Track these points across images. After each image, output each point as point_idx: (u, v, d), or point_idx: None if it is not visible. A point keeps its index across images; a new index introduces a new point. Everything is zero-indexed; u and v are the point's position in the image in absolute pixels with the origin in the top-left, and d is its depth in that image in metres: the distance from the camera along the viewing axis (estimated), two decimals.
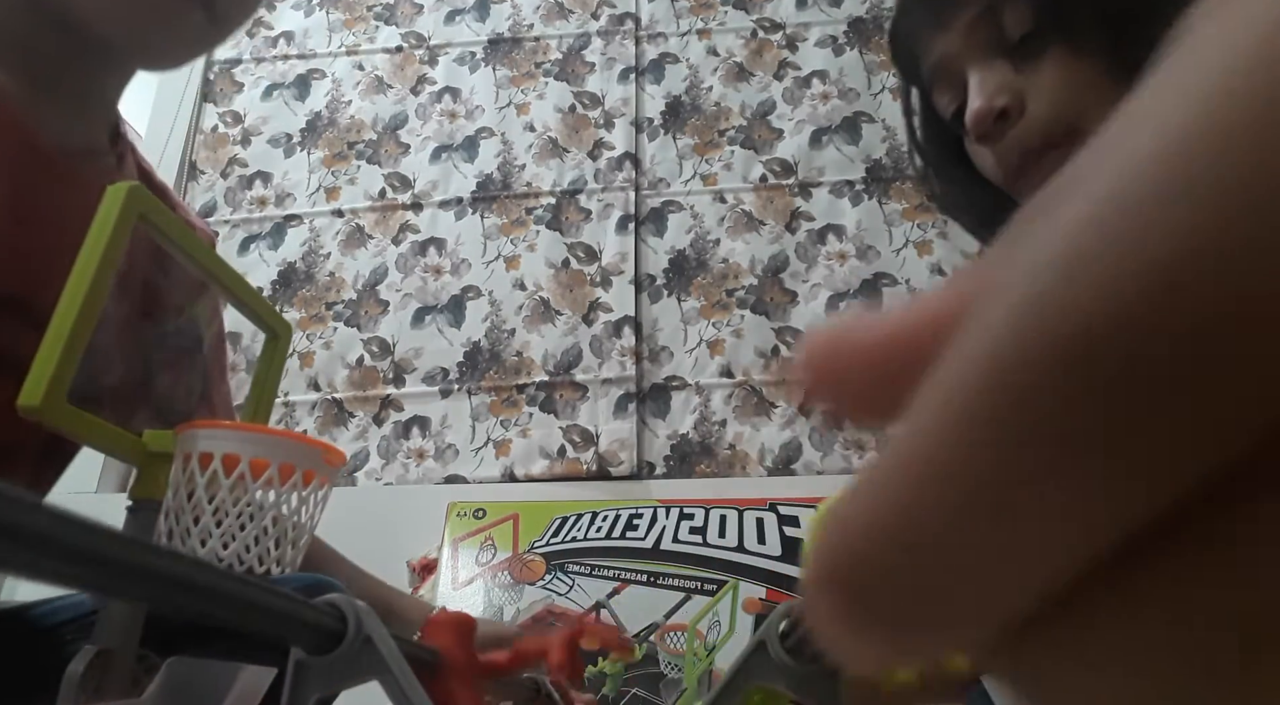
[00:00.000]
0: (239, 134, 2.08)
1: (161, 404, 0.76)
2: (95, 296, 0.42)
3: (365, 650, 0.30)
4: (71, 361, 0.42)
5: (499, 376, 1.78)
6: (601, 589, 1.41)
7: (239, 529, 0.44)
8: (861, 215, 1.86)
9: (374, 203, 1.97)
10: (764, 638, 0.35)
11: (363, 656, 0.30)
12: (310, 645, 0.29)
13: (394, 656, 0.30)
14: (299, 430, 1.76)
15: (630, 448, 1.69)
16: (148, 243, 0.50)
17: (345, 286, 1.90)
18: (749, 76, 2.03)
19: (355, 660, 0.30)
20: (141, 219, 0.45)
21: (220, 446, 0.43)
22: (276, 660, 0.36)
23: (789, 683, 0.34)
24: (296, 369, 1.81)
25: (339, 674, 0.30)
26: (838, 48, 2.03)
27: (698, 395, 1.74)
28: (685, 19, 2.10)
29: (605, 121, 2.00)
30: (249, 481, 0.43)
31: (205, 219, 1.98)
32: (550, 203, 1.93)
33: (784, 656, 0.34)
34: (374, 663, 0.30)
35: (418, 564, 1.47)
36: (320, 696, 0.30)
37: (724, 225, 1.89)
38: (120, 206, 0.43)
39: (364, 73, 2.12)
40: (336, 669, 0.30)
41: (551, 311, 1.83)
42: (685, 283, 1.84)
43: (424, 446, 1.74)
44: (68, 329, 0.41)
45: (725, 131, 1.98)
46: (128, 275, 0.71)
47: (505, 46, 2.11)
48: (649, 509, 1.50)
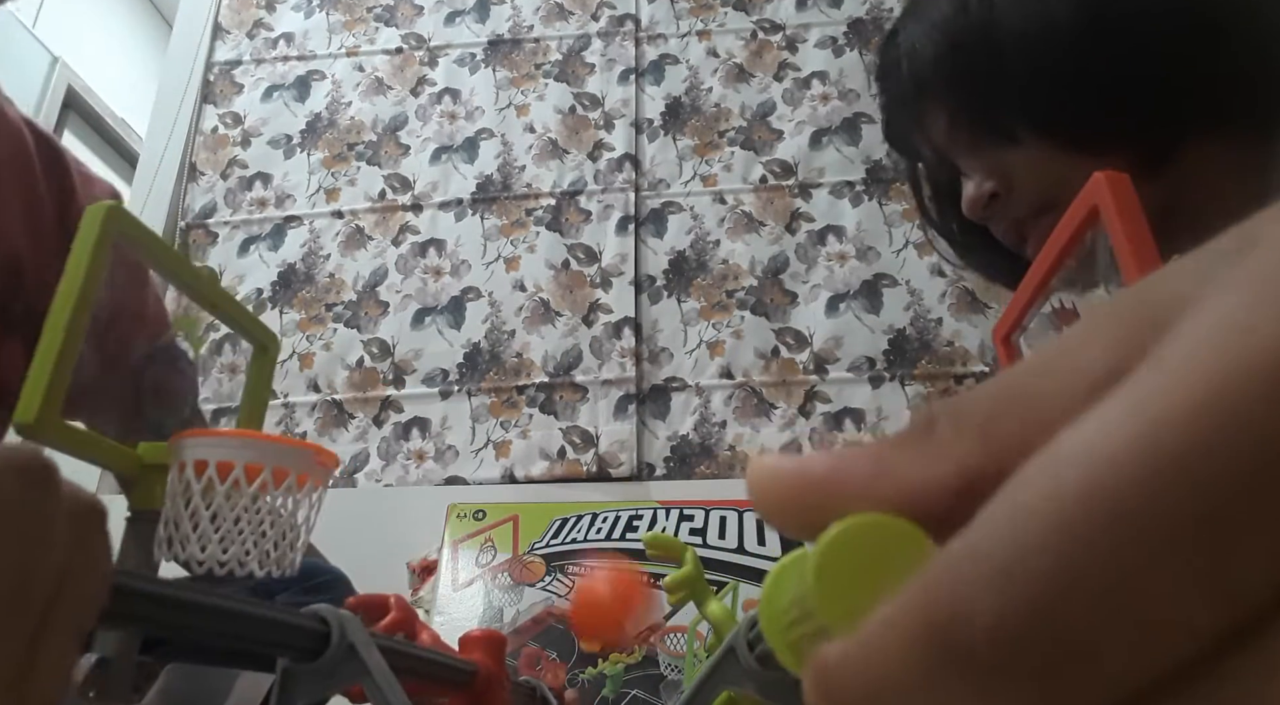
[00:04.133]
0: (239, 135, 2.08)
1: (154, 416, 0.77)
2: (80, 315, 0.44)
3: (349, 657, 0.30)
4: (62, 379, 0.43)
5: (499, 378, 1.78)
6: None
7: (237, 533, 0.44)
8: (861, 216, 1.86)
9: (374, 204, 1.97)
10: (733, 644, 0.35)
11: (347, 663, 0.30)
12: (296, 653, 0.30)
13: (376, 663, 0.30)
14: (299, 431, 1.77)
15: (630, 449, 1.69)
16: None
17: (345, 288, 1.90)
18: (749, 77, 2.03)
19: (340, 667, 0.30)
20: (121, 236, 0.46)
21: (214, 453, 0.44)
22: (271, 667, 0.36)
23: (757, 688, 0.34)
24: (296, 370, 1.81)
25: (324, 680, 0.30)
26: (837, 49, 2.02)
27: (698, 396, 1.74)
28: (685, 20, 2.10)
29: (605, 123, 2.00)
30: (244, 486, 0.44)
31: (205, 220, 1.98)
32: (550, 204, 1.93)
33: (753, 663, 0.34)
34: (358, 669, 0.30)
35: (417, 565, 1.47)
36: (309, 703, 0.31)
37: (724, 226, 1.89)
38: (99, 227, 0.45)
39: (364, 74, 2.12)
40: (322, 676, 0.30)
41: (551, 313, 1.83)
42: (685, 284, 1.84)
43: (424, 448, 1.74)
44: (56, 348, 0.42)
45: (725, 132, 1.98)
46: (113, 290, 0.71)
47: (505, 48, 2.11)
48: (649, 510, 1.50)
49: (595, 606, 0.56)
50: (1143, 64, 0.58)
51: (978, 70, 0.64)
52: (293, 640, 0.29)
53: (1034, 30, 0.61)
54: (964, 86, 0.65)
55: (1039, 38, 0.61)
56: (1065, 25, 0.60)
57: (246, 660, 0.53)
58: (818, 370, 1.74)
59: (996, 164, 0.65)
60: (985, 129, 0.65)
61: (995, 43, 0.63)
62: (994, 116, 0.64)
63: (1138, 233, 0.41)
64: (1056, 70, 0.60)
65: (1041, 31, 0.61)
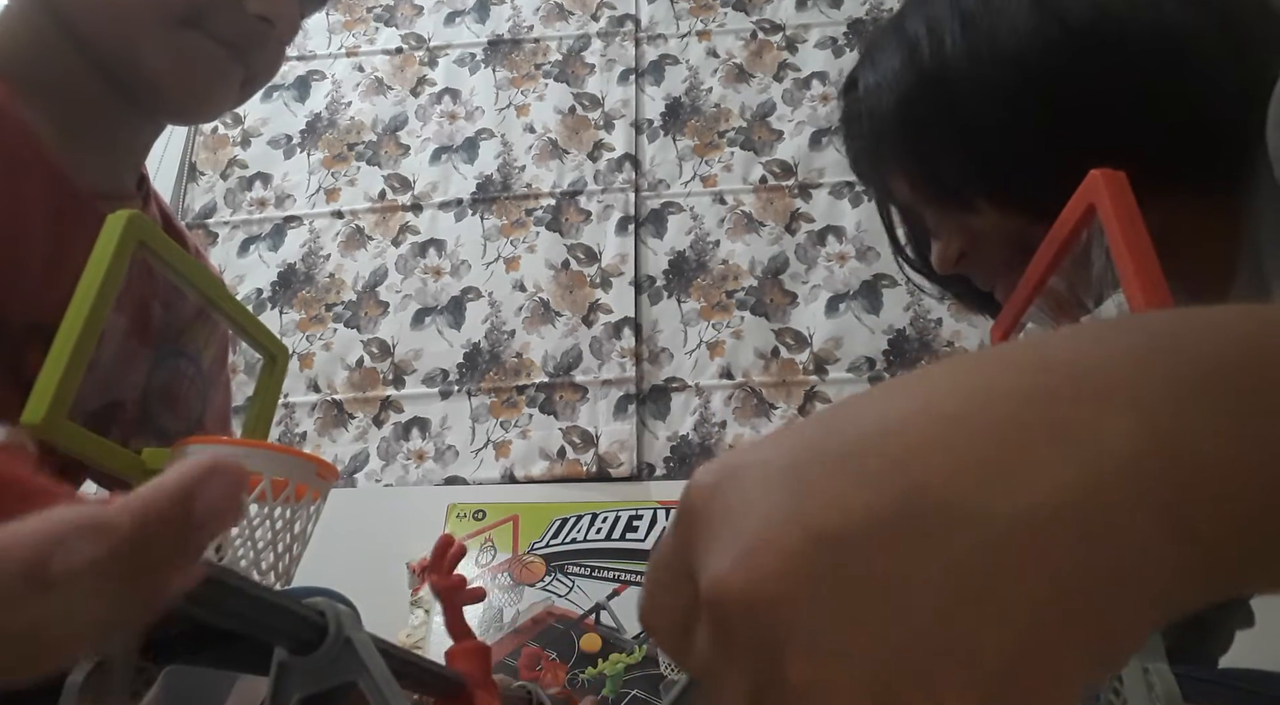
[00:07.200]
0: (239, 135, 2.08)
1: (159, 422, 0.78)
2: (95, 318, 0.44)
3: (345, 651, 0.30)
4: (73, 381, 0.43)
5: (499, 378, 1.78)
6: (601, 590, 1.41)
7: (234, 542, 0.44)
8: (861, 216, 1.86)
9: (374, 204, 1.98)
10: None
11: (343, 657, 0.30)
12: (292, 645, 0.30)
13: (373, 657, 0.30)
14: (299, 432, 1.77)
15: (630, 449, 1.69)
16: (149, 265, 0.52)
17: (345, 288, 1.90)
18: (749, 78, 2.03)
19: (336, 661, 0.30)
20: (141, 245, 0.46)
21: None
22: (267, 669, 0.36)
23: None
24: (296, 370, 1.81)
25: (320, 674, 0.31)
26: (837, 49, 2.03)
27: (697, 396, 1.74)
28: (685, 20, 2.10)
29: (605, 123, 2.00)
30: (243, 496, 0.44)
31: (205, 220, 1.98)
32: (550, 204, 1.93)
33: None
34: (353, 663, 0.30)
35: (417, 565, 1.47)
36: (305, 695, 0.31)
37: (724, 226, 1.89)
38: (120, 233, 0.45)
39: (364, 74, 2.12)
40: (317, 669, 0.30)
41: (551, 313, 1.83)
42: (685, 284, 1.85)
43: (424, 448, 1.74)
44: (69, 350, 0.43)
45: (725, 133, 1.98)
46: (129, 299, 0.72)
47: (505, 48, 2.11)
48: (649, 510, 1.51)
49: None
50: (1095, 128, 0.57)
51: (931, 136, 0.63)
52: (289, 628, 0.29)
53: (984, 95, 0.59)
54: (919, 152, 0.65)
55: (990, 103, 0.59)
56: (1016, 90, 0.59)
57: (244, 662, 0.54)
58: (818, 370, 1.74)
59: (961, 226, 0.65)
60: (943, 195, 0.65)
61: (947, 106, 0.61)
62: (950, 183, 0.63)
63: (1134, 231, 0.41)
64: (1007, 136, 0.59)
65: (992, 97, 0.59)
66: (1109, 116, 0.57)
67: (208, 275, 0.56)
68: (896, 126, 0.65)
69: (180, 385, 0.81)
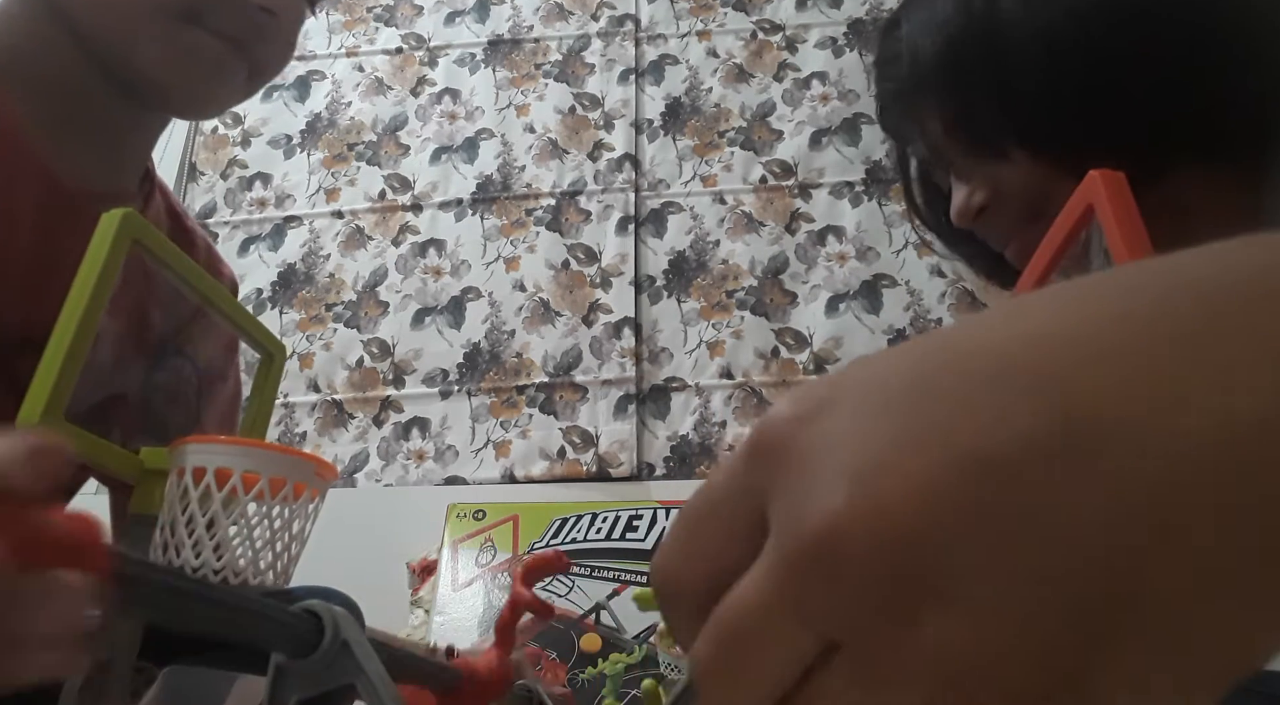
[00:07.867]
0: (239, 135, 2.08)
1: (158, 422, 0.77)
2: (90, 318, 0.44)
3: (342, 654, 0.30)
4: (68, 380, 0.43)
5: (499, 378, 1.78)
6: (601, 590, 1.41)
7: (232, 542, 0.44)
8: (861, 216, 1.86)
9: (374, 204, 1.98)
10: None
11: (340, 660, 0.30)
12: (289, 649, 0.30)
13: (370, 660, 0.30)
14: (299, 431, 1.77)
15: (630, 449, 1.69)
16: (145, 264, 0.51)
17: (345, 288, 1.90)
18: (749, 78, 2.03)
19: (332, 664, 0.30)
20: (136, 244, 0.46)
21: (212, 460, 0.44)
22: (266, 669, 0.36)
23: None
24: (296, 370, 1.81)
25: (317, 677, 0.31)
26: (837, 49, 2.03)
27: (697, 396, 1.74)
28: (685, 20, 2.10)
29: (605, 123, 2.00)
30: (241, 495, 0.44)
31: (204, 220, 1.98)
32: (550, 204, 1.93)
33: None
34: (350, 666, 0.30)
35: (417, 565, 1.47)
36: (303, 698, 0.31)
37: (724, 226, 1.89)
38: (114, 232, 0.45)
39: (364, 74, 2.12)
40: (314, 672, 0.30)
41: (551, 313, 1.83)
42: (685, 284, 1.85)
43: (424, 448, 1.74)
44: (64, 349, 0.43)
45: (725, 133, 1.98)
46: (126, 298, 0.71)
47: (505, 48, 2.11)
48: (649, 510, 1.50)
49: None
50: (1143, 89, 0.58)
51: (974, 81, 0.63)
52: (284, 635, 0.29)
53: (1034, 45, 0.60)
54: (960, 96, 0.65)
55: (1039, 53, 0.60)
56: (1067, 42, 0.59)
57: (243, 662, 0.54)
58: (818, 370, 1.74)
59: (988, 176, 0.65)
60: (978, 140, 0.65)
61: (995, 51, 0.62)
62: (987, 130, 0.63)
63: (1133, 231, 0.41)
64: (1053, 87, 0.60)
65: (1042, 47, 0.60)
66: (1156, 78, 0.58)
67: (204, 274, 0.56)
68: (941, 68, 0.65)
69: (180, 385, 0.80)
